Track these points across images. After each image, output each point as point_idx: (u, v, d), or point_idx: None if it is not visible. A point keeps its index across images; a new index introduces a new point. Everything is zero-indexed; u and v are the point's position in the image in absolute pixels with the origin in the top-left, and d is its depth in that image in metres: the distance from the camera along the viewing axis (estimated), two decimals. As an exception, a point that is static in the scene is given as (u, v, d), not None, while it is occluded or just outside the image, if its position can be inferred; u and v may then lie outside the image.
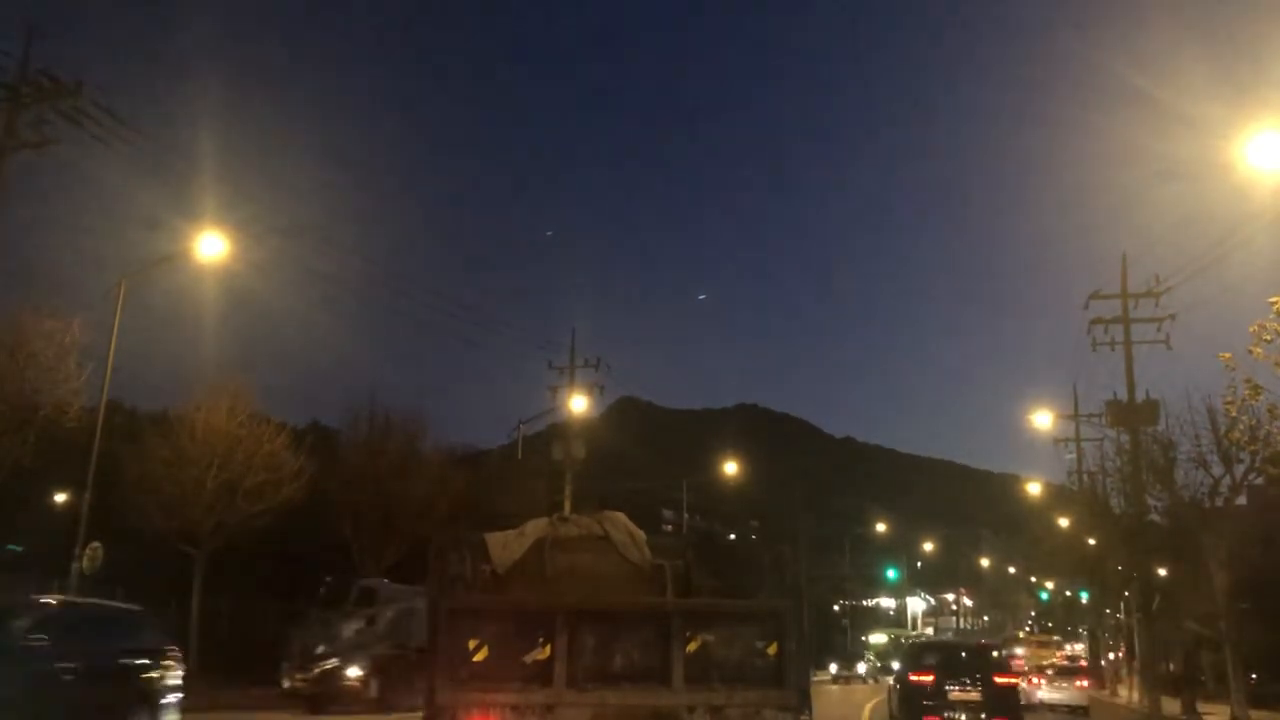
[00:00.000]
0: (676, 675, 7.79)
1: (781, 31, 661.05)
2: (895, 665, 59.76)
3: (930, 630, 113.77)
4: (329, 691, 22.09)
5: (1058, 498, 49.31)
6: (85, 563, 22.46)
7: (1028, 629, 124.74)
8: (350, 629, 22.74)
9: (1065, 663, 40.94)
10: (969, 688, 18.16)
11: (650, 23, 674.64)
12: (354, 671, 22.12)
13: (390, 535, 32.35)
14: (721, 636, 8.01)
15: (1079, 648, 57.67)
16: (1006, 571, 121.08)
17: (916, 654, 21.49)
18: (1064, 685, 33.45)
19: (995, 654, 20.87)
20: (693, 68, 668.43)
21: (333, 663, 22.13)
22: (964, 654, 20.21)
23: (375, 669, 22.45)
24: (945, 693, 18.17)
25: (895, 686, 21.56)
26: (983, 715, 17.78)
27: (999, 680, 18.47)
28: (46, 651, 10.61)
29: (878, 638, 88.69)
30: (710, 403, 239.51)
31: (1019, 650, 54.71)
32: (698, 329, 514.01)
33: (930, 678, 18.78)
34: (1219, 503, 24.83)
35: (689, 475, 66.65)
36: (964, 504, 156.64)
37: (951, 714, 17.95)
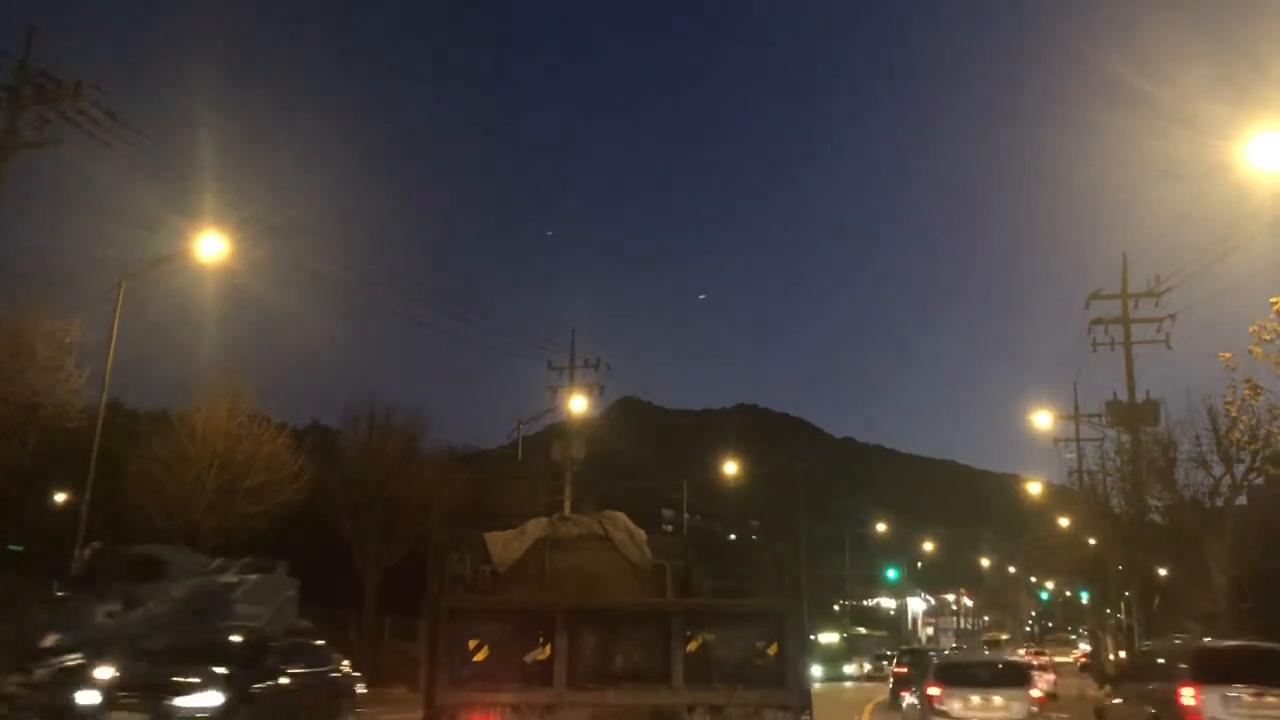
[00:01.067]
0: (676, 675, 7.79)
1: (780, 33, 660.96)
2: (847, 669, 58.36)
3: (930, 630, 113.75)
4: (64, 700, 15.11)
5: (1058, 498, 49.23)
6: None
7: (1028, 629, 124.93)
8: (102, 613, 17.01)
9: (1084, 660, 42.18)
10: None
11: (651, 23, 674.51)
12: (104, 673, 15.28)
13: (390, 535, 32.37)
14: (721, 636, 8.02)
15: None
16: (1006, 571, 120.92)
17: (900, 656, 33.15)
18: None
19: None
20: (695, 70, 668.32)
21: (73, 659, 15.96)
22: (929, 655, 28.90)
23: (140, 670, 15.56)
24: (915, 678, 25.97)
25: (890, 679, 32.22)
26: None
27: None
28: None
29: (828, 637, 71.57)
30: (710, 403, 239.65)
31: (1034, 650, 55.89)
32: (698, 329, 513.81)
33: (906, 669, 28.73)
34: (1219, 503, 24.78)
35: (689, 475, 66.63)
36: (964, 504, 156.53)
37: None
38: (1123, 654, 36.42)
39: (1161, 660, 15.70)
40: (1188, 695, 13.17)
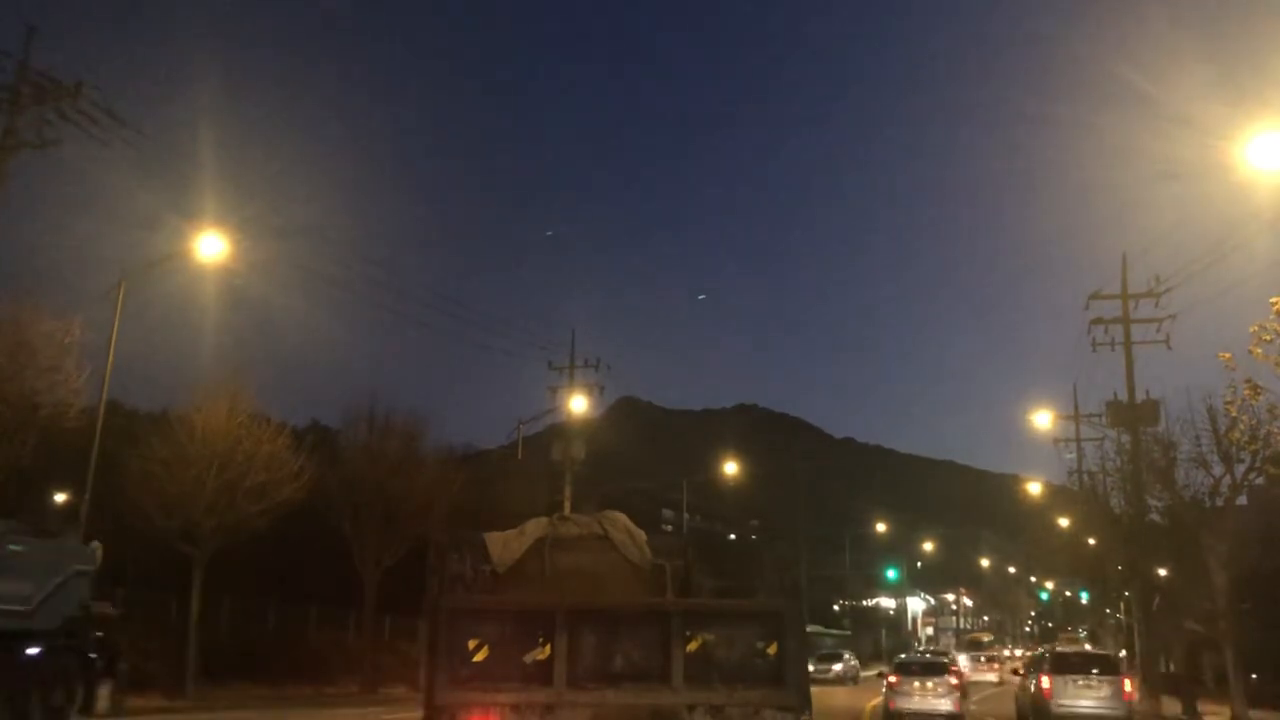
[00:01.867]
0: (676, 675, 7.78)
1: (779, 34, 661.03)
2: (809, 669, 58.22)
3: (930, 629, 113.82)
4: None
5: (1058, 498, 49.28)
6: (85, 563, 22.22)
7: (1028, 629, 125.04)
8: None
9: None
10: None
11: (651, 26, 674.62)
12: None
13: (390, 535, 32.37)
14: (721, 636, 8.00)
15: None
16: (1006, 571, 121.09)
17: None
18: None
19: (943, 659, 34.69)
20: (694, 72, 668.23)
21: None
22: (900, 657, 34.02)
23: None
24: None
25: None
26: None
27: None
28: None
29: None
30: (710, 403, 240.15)
31: (1019, 651, 56.49)
32: (698, 329, 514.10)
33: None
34: (1219, 503, 24.79)
35: (689, 475, 66.63)
36: (964, 504, 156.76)
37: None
38: (1123, 652, 36.40)
39: (1039, 659, 27.31)
40: (1045, 680, 23.35)
